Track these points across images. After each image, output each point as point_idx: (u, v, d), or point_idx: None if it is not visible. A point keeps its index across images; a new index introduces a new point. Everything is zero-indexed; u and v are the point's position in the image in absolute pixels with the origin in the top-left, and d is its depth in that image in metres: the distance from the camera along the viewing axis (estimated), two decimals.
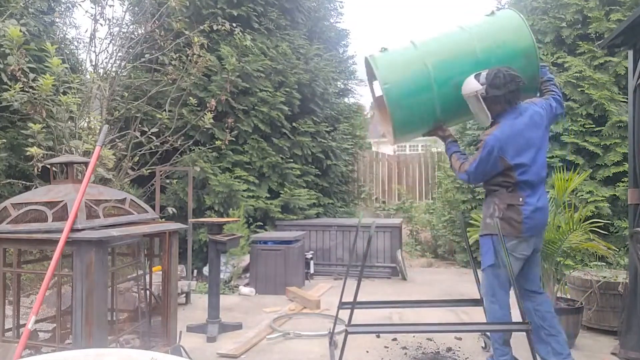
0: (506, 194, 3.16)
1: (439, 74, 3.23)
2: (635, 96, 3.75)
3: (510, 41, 3.26)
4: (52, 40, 5.83)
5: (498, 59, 3.22)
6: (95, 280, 2.61)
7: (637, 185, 3.70)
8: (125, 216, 3.05)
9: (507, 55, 3.23)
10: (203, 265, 6.70)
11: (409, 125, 3.35)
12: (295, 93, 7.86)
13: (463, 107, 3.25)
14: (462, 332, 4.09)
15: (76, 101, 5.20)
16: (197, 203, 7.07)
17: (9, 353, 2.72)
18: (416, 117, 3.31)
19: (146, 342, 3.20)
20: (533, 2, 7.42)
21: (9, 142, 5.92)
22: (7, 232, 2.73)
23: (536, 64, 3.29)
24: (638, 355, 3.56)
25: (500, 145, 3.08)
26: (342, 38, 10.94)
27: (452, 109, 3.33)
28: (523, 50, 3.25)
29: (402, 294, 5.61)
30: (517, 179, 3.13)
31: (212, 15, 7.34)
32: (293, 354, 3.82)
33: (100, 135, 2.96)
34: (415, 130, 3.45)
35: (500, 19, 3.39)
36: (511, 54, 3.23)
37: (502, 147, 3.09)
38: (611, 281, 4.25)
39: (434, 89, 3.22)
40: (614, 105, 6.44)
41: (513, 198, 3.14)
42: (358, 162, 11.62)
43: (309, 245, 7.33)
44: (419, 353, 3.81)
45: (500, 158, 3.10)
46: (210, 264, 4.47)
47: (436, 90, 3.22)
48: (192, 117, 6.88)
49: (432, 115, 3.31)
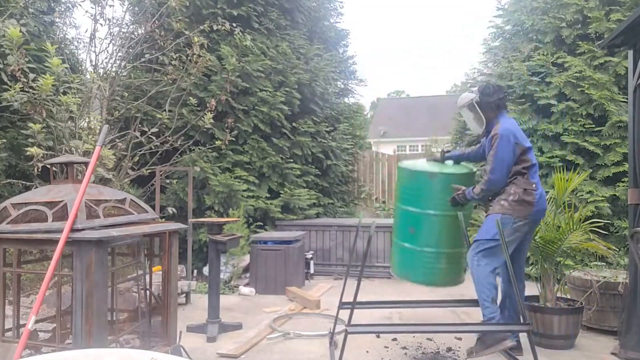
0: (522, 180, 3.55)
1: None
2: (635, 96, 3.75)
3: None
4: (52, 40, 5.83)
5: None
6: (95, 280, 2.61)
7: (637, 185, 3.70)
8: (125, 216, 3.05)
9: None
10: (203, 265, 6.70)
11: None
12: (295, 93, 7.86)
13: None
14: (462, 332, 4.08)
15: (76, 101, 5.20)
16: (197, 203, 7.08)
17: (9, 353, 2.72)
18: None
19: (146, 342, 3.20)
20: (533, 2, 7.42)
21: (9, 142, 5.92)
22: (7, 232, 2.73)
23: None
24: (638, 355, 3.56)
25: (513, 132, 3.55)
26: (342, 38, 10.93)
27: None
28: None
29: (402, 294, 5.61)
30: (532, 161, 3.59)
31: (212, 15, 7.34)
32: (293, 354, 3.82)
33: (100, 135, 2.96)
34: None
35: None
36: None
37: (514, 134, 3.55)
38: (611, 281, 4.25)
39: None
40: (614, 105, 6.44)
41: (527, 184, 3.55)
42: (358, 162, 11.62)
43: (309, 245, 7.33)
44: (419, 353, 3.81)
45: (516, 144, 3.54)
46: (210, 264, 4.47)
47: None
48: (192, 117, 6.88)
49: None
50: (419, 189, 3.88)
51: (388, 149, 22.53)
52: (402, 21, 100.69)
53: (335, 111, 9.56)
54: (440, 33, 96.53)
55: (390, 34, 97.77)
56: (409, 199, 3.90)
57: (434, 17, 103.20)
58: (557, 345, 3.87)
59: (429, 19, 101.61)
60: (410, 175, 3.98)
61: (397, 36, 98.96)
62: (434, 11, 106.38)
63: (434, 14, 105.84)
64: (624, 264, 5.51)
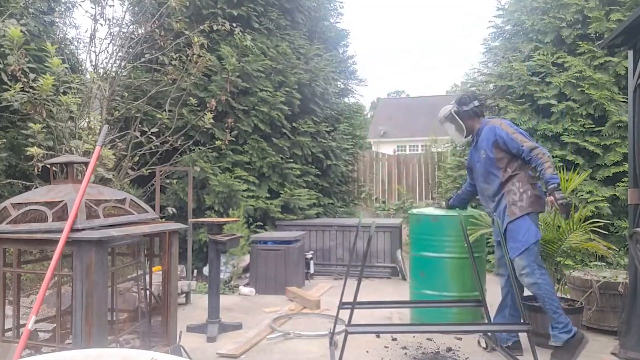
0: (524, 175, 3.61)
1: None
2: (635, 96, 3.75)
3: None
4: (52, 40, 5.83)
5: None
6: (95, 280, 2.61)
7: (637, 185, 3.70)
8: (125, 216, 3.05)
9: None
10: (203, 265, 6.70)
11: None
12: (295, 93, 7.86)
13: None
14: (462, 333, 4.08)
15: (76, 101, 5.20)
16: (197, 203, 7.08)
17: (9, 353, 2.72)
18: None
19: (146, 342, 3.20)
20: (533, 2, 7.42)
21: (9, 142, 5.92)
22: (7, 232, 2.73)
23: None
24: (638, 355, 3.56)
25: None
26: (342, 38, 10.93)
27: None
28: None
29: (402, 294, 5.60)
30: None
31: (212, 15, 7.34)
32: (293, 354, 3.82)
33: (100, 135, 2.96)
34: None
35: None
36: None
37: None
38: (611, 281, 4.25)
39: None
40: (614, 105, 6.44)
41: (530, 178, 3.63)
42: (358, 162, 11.62)
43: (309, 245, 7.33)
44: (419, 353, 3.81)
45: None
46: (210, 264, 4.47)
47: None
48: (192, 117, 6.88)
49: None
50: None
51: (388, 149, 22.56)
52: (402, 21, 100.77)
53: (335, 111, 9.56)
54: (440, 33, 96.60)
55: (390, 34, 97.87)
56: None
57: (434, 17, 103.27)
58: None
59: (429, 19, 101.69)
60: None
61: (397, 36, 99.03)
62: (434, 11, 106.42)
63: (434, 14, 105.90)
64: (624, 264, 5.51)
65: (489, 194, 3.79)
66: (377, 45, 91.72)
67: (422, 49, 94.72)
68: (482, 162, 3.78)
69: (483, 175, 3.81)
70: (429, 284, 4.41)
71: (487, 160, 3.73)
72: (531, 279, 3.44)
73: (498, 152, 3.67)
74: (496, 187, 3.70)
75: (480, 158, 3.80)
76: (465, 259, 4.08)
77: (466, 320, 4.28)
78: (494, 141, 3.67)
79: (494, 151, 3.68)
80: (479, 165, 3.84)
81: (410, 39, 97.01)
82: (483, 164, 3.77)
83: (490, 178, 3.75)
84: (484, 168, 3.78)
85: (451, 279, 4.34)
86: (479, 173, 3.86)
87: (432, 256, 4.42)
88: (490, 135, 3.70)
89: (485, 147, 3.74)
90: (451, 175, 8.55)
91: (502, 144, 3.63)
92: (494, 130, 3.69)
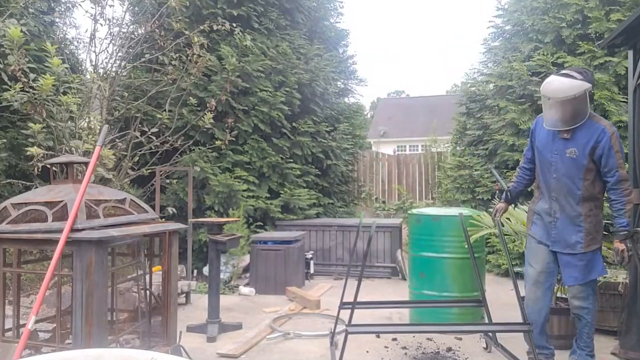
0: (602, 204, 3.23)
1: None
2: (635, 96, 3.75)
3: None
4: (52, 40, 5.82)
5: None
6: (95, 280, 2.61)
7: (637, 185, 3.70)
8: (125, 216, 3.05)
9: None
10: (203, 265, 6.70)
11: None
12: (295, 93, 7.86)
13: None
14: (462, 333, 4.08)
15: (76, 101, 5.19)
16: (197, 203, 7.07)
17: (9, 353, 2.72)
18: None
19: (146, 342, 3.20)
20: (533, 2, 7.42)
21: (9, 142, 5.92)
22: (7, 232, 2.73)
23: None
24: (638, 355, 3.56)
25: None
26: (342, 38, 10.93)
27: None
28: None
29: (402, 294, 5.60)
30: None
31: (212, 15, 7.34)
32: (293, 354, 3.82)
33: (100, 135, 2.96)
34: None
35: None
36: None
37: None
38: (611, 281, 4.24)
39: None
40: (614, 105, 6.43)
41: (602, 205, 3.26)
42: (358, 162, 11.62)
43: (309, 245, 7.33)
44: (419, 353, 3.81)
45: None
46: (210, 264, 4.47)
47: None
48: (192, 117, 6.87)
49: None
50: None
51: (388, 149, 22.53)
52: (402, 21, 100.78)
53: (335, 111, 9.56)
54: (440, 33, 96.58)
55: (390, 34, 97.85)
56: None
57: (434, 17, 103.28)
58: (556, 345, 3.85)
59: (429, 19, 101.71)
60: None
61: (397, 36, 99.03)
62: (434, 11, 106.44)
63: (434, 14, 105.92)
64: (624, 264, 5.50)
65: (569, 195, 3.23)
66: (377, 45, 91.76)
67: (422, 49, 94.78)
68: (567, 161, 3.17)
69: (566, 175, 3.20)
70: (429, 284, 4.42)
71: (573, 163, 3.15)
72: (584, 303, 3.24)
73: (590, 162, 3.11)
74: (576, 199, 3.20)
75: (565, 154, 3.17)
76: (465, 259, 4.08)
77: (466, 320, 4.28)
78: (594, 147, 3.08)
79: (587, 157, 3.11)
80: (558, 159, 3.20)
81: (410, 39, 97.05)
82: (567, 163, 3.17)
83: (573, 183, 3.19)
84: (566, 168, 3.18)
85: (451, 279, 4.34)
86: (557, 167, 3.22)
87: (432, 256, 4.43)
88: (595, 137, 3.09)
89: (581, 146, 3.13)
90: (451, 175, 8.54)
91: (600, 156, 3.08)
92: (603, 136, 3.08)
